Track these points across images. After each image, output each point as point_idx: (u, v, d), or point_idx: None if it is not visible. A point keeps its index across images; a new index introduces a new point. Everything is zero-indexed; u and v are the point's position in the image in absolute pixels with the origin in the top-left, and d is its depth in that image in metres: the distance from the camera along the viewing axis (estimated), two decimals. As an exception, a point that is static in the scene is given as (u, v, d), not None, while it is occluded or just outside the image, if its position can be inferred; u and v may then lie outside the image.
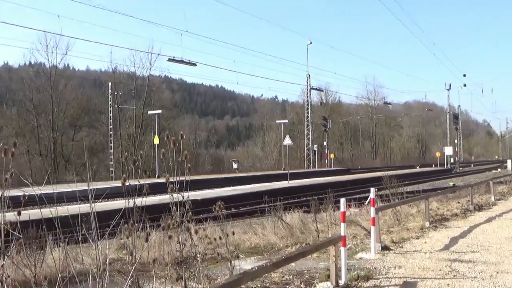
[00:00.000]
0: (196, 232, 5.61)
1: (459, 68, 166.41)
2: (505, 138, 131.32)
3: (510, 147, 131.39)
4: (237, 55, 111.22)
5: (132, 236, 4.95)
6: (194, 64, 35.75)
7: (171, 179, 5.35)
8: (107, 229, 5.59)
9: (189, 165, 5.63)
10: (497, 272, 7.84)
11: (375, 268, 8.21)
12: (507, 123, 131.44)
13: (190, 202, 5.57)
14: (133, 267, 4.81)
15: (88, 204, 4.92)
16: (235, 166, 55.97)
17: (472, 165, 79.84)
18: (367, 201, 9.83)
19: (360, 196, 22.94)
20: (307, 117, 62.46)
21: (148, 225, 5.80)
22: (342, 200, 7.61)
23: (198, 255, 5.61)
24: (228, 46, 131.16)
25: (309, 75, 60.21)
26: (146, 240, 5.10)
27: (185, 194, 5.53)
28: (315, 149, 62.71)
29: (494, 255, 9.21)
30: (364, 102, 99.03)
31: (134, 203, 4.90)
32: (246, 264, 8.86)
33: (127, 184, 4.89)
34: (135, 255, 4.94)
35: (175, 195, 5.34)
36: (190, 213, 5.46)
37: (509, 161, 55.05)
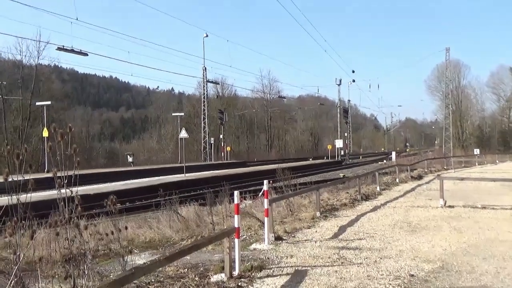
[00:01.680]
0: (86, 228, 5.44)
1: (349, 65, 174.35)
2: (390, 132, 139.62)
3: (394, 140, 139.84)
4: (131, 46, 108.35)
5: (16, 234, 4.71)
6: (86, 54, 34.44)
7: (59, 174, 5.13)
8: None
9: (78, 158, 5.42)
10: (381, 258, 8.34)
11: (268, 258, 8.41)
12: (392, 117, 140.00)
13: (79, 197, 5.39)
14: (17, 267, 4.57)
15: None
16: (130, 159, 54.58)
17: (360, 157, 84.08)
18: (260, 193, 10.01)
19: (255, 188, 23.35)
20: (204, 110, 62.37)
21: (36, 222, 5.53)
22: (236, 193, 7.71)
23: (88, 252, 5.44)
24: (122, 36, 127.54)
25: (205, 68, 60.09)
26: (31, 238, 4.86)
27: (75, 189, 5.33)
28: (212, 142, 62.81)
29: (378, 242, 9.78)
30: (259, 95, 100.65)
31: (18, 199, 4.65)
32: (140, 259, 8.71)
33: (10, 179, 4.64)
34: (19, 254, 4.69)
35: (63, 190, 5.13)
36: (79, 208, 5.28)
37: (393, 153, 58.51)
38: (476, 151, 57.36)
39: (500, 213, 13.56)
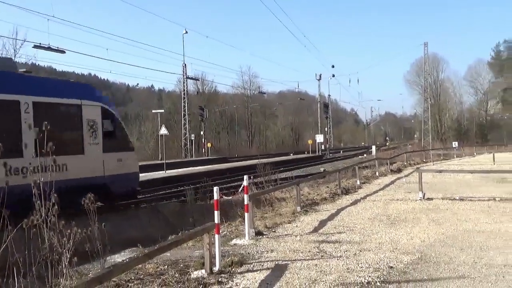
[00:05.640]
0: (63, 226, 5.38)
1: (329, 60, 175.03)
2: (370, 126, 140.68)
3: (374, 134, 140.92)
4: (110, 43, 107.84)
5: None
6: (63, 51, 34.01)
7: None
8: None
9: (54, 156, 5.37)
10: (360, 251, 8.41)
11: (248, 253, 8.43)
12: (371, 112, 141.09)
13: (56, 195, 5.32)
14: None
15: None
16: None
17: (341, 152, 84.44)
18: (240, 189, 10.01)
19: (236, 184, 23.33)
20: (184, 106, 62.12)
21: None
22: (215, 188, 7.70)
23: (65, 251, 5.38)
24: (101, 33, 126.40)
25: (185, 64, 59.81)
26: (7, 237, 4.79)
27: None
28: (192, 138, 62.62)
29: (358, 235, 9.86)
30: (240, 91, 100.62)
31: None
32: (120, 256, 8.69)
33: None
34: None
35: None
36: (56, 207, 5.21)
37: (373, 147, 58.95)
38: (455, 144, 58.05)
39: (477, 205, 13.76)
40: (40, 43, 32.74)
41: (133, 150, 18.09)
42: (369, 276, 6.74)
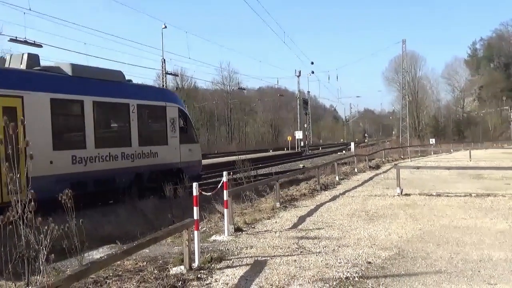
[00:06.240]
0: (40, 223, 5.30)
1: (308, 56, 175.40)
2: (349, 123, 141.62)
3: (353, 130, 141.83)
4: (88, 37, 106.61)
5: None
6: (40, 46, 33.41)
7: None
8: None
9: (31, 152, 5.29)
10: (339, 246, 8.47)
11: (228, 249, 8.43)
12: (350, 108, 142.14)
13: (33, 191, 5.25)
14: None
15: None
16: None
17: (320, 148, 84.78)
18: (219, 185, 10.00)
19: (215, 180, 23.26)
20: (163, 102, 61.63)
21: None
22: (194, 184, 7.69)
23: (43, 248, 5.31)
24: (78, 27, 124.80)
25: (164, 60, 59.26)
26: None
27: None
28: (172, 134, 62.17)
29: (336, 231, 9.92)
30: (219, 87, 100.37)
31: None
32: (98, 253, 8.61)
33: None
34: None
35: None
36: (32, 203, 5.14)
37: (352, 143, 59.37)
38: (432, 140, 58.98)
39: (454, 200, 13.95)
40: (16, 37, 32.14)
41: (198, 143, 22.74)
42: (348, 272, 6.79)
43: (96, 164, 15.15)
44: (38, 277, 5.41)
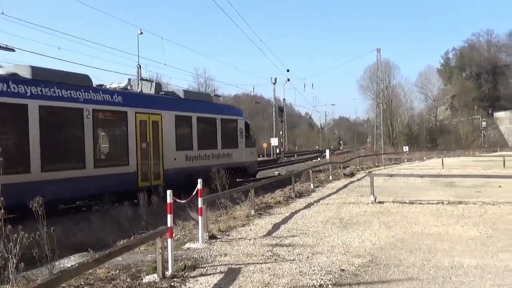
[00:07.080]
0: (10, 231, 5.21)
1: (284, 64, 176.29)
2: (324, 130, 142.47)
3: (328, 138, 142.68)
4: (62, 42, 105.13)
5: None
6: (13, 50, 32.82)
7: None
8: None
9: (1, 158, 5.21)
10: (313, 254, 8.50)
11: (202, 257, 8.38)
12: (326, 116, 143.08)
13: (2, 199, 5.17)
14: None
15: None
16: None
17: (295, 155, 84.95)
18: (194, 192, 9.97)
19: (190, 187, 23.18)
20: (138, 108, 61.18)
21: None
22: (169, 192, 7.63)
23: (12, 256, 5.22)
24: (52, 32, 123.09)
25: (140, 66, 58.85)
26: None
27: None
28: (147, 141, 61.74)
29: (311, 238, 9.96)
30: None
31: None
32: (70, 261, 8.48)
33: None
34: None
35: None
36: (2, 211, 5.05)
37: (327, 151, 59.67)
38: (405, 148, 59.60)
39: (426, 208, 14.12)
40: (-12, 41, 31.65)
41: (255, 147, 29.42)
42: (322, 279, 6.81)
43: (198, 161, 21.33)
44: (7, 287, 5.31)
